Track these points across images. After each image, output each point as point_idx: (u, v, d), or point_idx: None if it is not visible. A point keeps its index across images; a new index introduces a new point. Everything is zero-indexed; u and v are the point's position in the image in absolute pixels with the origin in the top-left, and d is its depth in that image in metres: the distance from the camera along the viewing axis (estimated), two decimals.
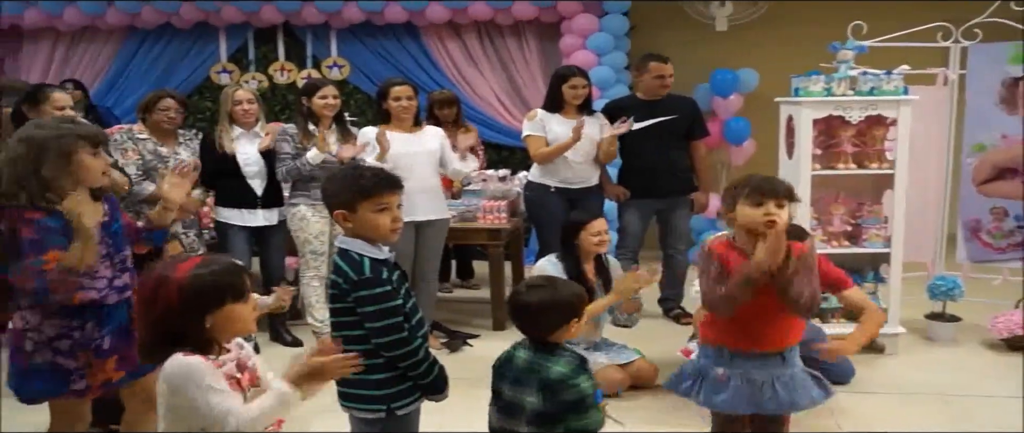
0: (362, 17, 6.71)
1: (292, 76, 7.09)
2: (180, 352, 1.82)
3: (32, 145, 2.44)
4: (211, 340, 1.87)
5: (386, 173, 2.37)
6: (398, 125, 4.38)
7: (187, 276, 1.82)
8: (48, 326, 2.50)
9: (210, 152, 4.41)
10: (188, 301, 1.81)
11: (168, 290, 1.81)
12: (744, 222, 2.47)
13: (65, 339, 2.51)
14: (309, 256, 4.45)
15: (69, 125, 2.54)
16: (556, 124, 4.70)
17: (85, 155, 2.47)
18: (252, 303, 1.91)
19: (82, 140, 2.47)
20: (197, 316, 1.82)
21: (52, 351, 2.51)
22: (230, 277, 1.86)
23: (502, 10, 6.54)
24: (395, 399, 2.32)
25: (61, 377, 2.53)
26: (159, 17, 6.86)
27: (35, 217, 2.41)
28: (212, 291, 1.83)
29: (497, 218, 4.88)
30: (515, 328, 2.42)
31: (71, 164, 2.45)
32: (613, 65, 6.41)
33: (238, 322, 1.88)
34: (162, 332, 1.84)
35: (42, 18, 6.94)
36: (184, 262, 1.87)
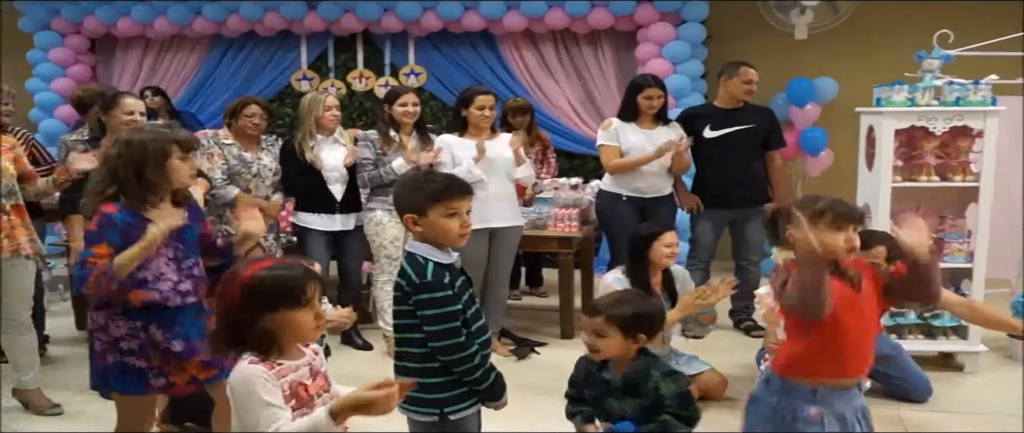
0: (440, 25, 6.81)
1: (370, 83, 7.23)
2: (248, 356, 1.85)
3: (132, 149, 2.55)
4: (271, 343, 1.87)
5: (456, 178, 2.40)
6: (476, 133, 4.44)
7: (251, 276, 1.86)
8: (113, 327, 2.60)
9: (292, 157, 4.53)
10: (247, 300, 1.84)
11: (234, 286, 1.86)
12: (828, 247, 2.26)
13: (133, 339, 2.59)
14: (384, 261, 4.54)
15: (165, 130, 2.66)
16: (631, 133, 4.70)
17: (176, 159, 2.58)
18: (314, 312, 1.89)
19: (175, 144, 2.58)
20: (254, 316, 1.85)
21: (119, 351, 2.60)
22: (291, 283, 1.86)
23: (578, 18, 6.55)
24: (449, 403, 2.33)
25: (136, 376, 2.61)
26: (244, 25, 7.08)
27: (107, 210, 2.52)
28: (269, 294, 1.84)
29: (568, 226, 4.90)
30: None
31: (165, 167, 2.56)
32: (689, 74, 6.36)
33: (296, 328, 1.88)
34: (226, 327, 1.88)
35: (134, 27, 7.23)
36: (257, 262, 1.92)
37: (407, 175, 4.35)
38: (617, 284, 3.83)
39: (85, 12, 7.23)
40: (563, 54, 6.90)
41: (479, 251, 4.44)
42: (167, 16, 7.08)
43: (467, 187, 2.36)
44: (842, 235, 2.29)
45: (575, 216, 4.92)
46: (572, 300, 4.99)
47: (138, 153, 2.54)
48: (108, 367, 2.62)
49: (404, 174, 4.32)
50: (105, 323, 2.60)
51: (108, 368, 2.62)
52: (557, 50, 6.90)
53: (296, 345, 1.94)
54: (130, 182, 2.54)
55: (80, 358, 4.30)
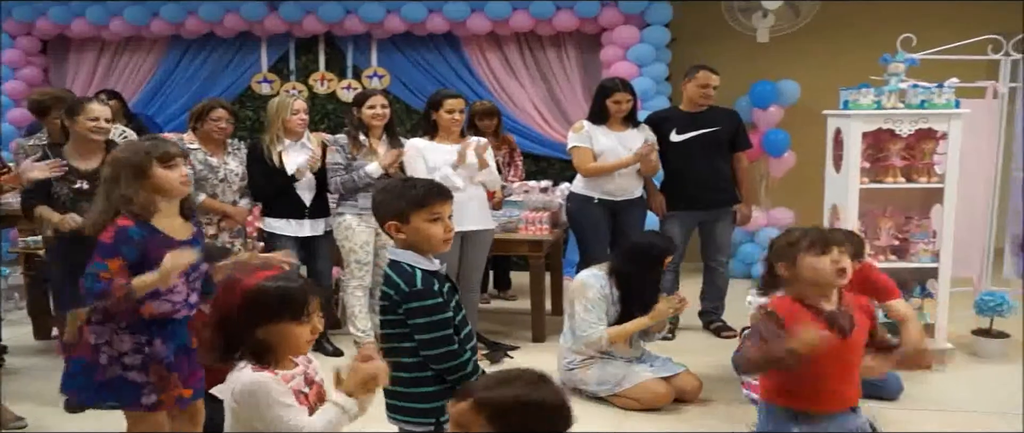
0: (403, 28, 6.76)
1: (332, 86, 7.15)
2: (246, 364, 1.84)
3: (115, 167, 2.56)
4: (267, 352, 1.87)
5: (437, 183, 2.38)
6: (445, 136, 4.41)
7: (255, 285, 1.86)
8: (118, 341, 2.57)
9: (259, 162, 4.45)
10: (247, 308, 1.84)
11: (234, 293, 1.86)
12: (812, 275, 2.30)
13: (136, 354, 2.58)
14: (354, 266, 4.48)
15: (146, 144, 2.61)
16: (602, 136, 4.70)
17: (158, 169, 2.53)
18: (310, 326, 1.91)
19: (151, 158, 2.53)
20: (252, 325, 1.85)
21: (122, 366, 2.58)
22: (293, 295, 1.87)
23: (543, 21, 6.55)
24: (444, 412, 2.30)
25: (131, 391, 2.59)
26: (203, 27, 6.95)
27: (124, 224, 2.49)
28: (272, 305, 1.85)
29: (539, 229, 4.89)
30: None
31: (148, 179, 2.52)
32: (654, 76, 6.40)
33: (291, 341, 1.89)
34: (222, 333, 1.87)
35: (88, 28, 7.05)
36: (262, 271, 1.92)
37: (387, 181, 4.31)
38: (595, 281, 3.89)
39: (37, 13, 7.04)
40: (528, 57, 6.90)
41: (451, 255, 4.41)
42: (123, 17, 6.93)
43: (448, 191, 2.35)
44: (827, 257, 2.28)
45: (545, 219, 4.91)
46: (543, 303, 4.98)
47: (118, 171, 2.53)
48: (108, 381, 2.58)
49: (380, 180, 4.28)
50: (110, 338, 2.57)
51: (109, 382, 2.58)
52: (522, 53, 6.89)
53: (288, 356, 1.92)
54: (122, 199, 2.51)
55: (41, 369, 4.22)
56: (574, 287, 3.99)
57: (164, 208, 2.58)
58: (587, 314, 3.87)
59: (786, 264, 2.35)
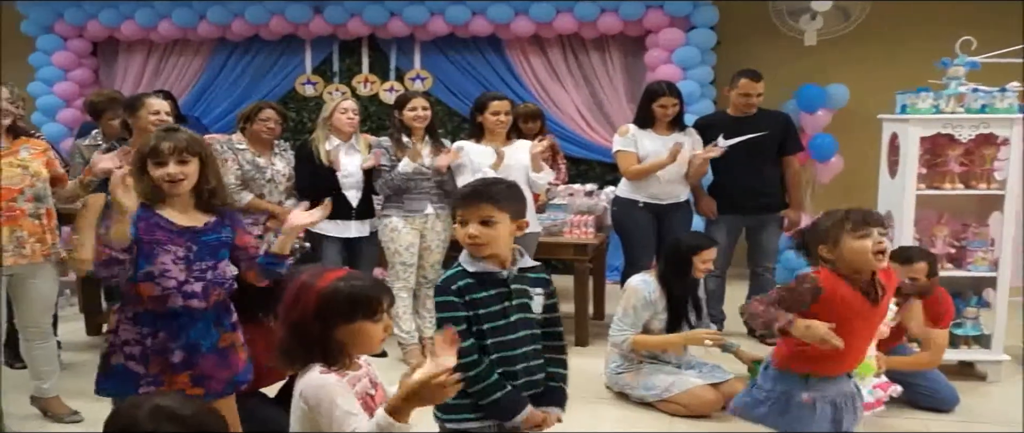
0: (447, 30, 6.76)
1: (374, 88, 7.17)
2: (319, 366, 1.85)
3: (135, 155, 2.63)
4: (341, 353, 1.88)
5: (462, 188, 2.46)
6: (491, 139, 4.40)
7: (327, 286, 1.86)
8: (122, 330, 2.59)
9: (307, 162, 4.47)
10: (322, 310, 1.85)
11: (307, 297, 1.86)
12: (853, 257, 2.45)
13: (137, 345, 2.57)
14: (398, 267, 4.48)
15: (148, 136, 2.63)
16: (647, 140, 4.67)
17: (151, 164, 2.54)
18: (384, 324, 1.92)
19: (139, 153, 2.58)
20: (329, 326, 1.85)
21: (123, 354, 2.58)
22: (367, 294, 1.89)
23: (587, 23, 6.52)
24: (447, 411, 2.35)
25: (129, 380, 2.57)
26: (248, 29, 7.01)
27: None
28: (346, 304, 1.86)
29: (584, 233, 4.86)
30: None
31: (144, 173, 2.55)
32: (699, 79, 6.33)
33: (367, 339, 1.90)
34: (297, 337, 1.88)
35: (138, 30, 7.15)
36: (330, 272, 1.92)
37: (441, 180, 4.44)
38: (644, 287, 3.86)
39: (88, 15, 7.15)
40: (571, 59, 6.87)
41: None
42: (171, 19, 7.01)
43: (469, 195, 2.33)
44: (869, 241, 2.42)
45: (590, 222, 4.88)
46: (586, 307, 4.94)
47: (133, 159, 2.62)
48: (112, 369, 2.60)
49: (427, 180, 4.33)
50: (117, 326, 2.61)
51: (112, 370, 2.59)
52: (565, 55, 6.86)
53: (357, 357, 1.94)
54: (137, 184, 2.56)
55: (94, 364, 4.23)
56: (625, 291, 3.99)
57: (175, 200, 2.58)
58: (622, 319, 3.89)
59: (828, 246, 2.50)
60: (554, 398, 2.45)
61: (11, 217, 3.36)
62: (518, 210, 2.33)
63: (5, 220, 3.34)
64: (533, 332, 2.40)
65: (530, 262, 2.42)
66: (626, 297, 3.92)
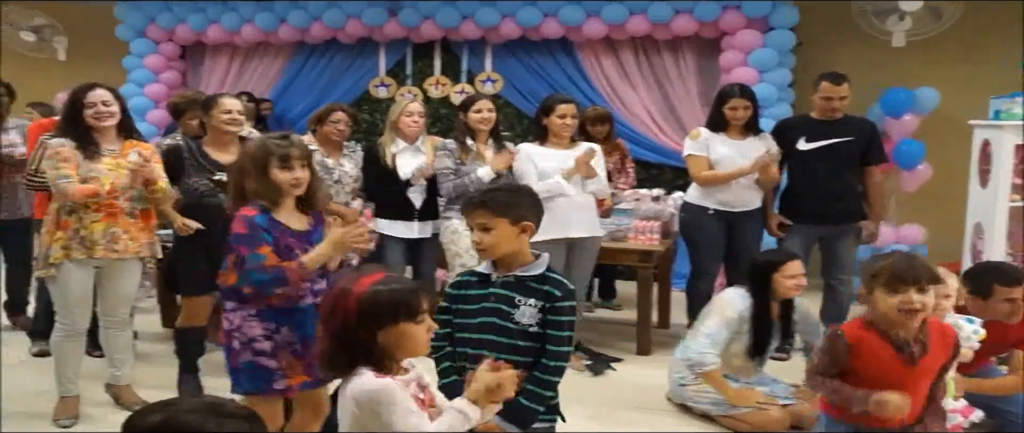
0: (518, 33, 6.75)
1: (446, 90, 7.22)
2: (370, 370, 1.84)
3: (242, 160, 2.73)
4: (386, 357, 1.88)
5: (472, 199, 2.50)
6: (556, 142, 4.35)
7: (366, 290, 1.86)
8: (247, 327, 2.67)
9: (373, 164, 4.52)
10: (363, 315, 1.85)
11: (347, 302, 1.86)
12: (881, 312, 2.36)
13: (267, 340, 2.68)
14: (459, 269, 4.47)
15: (271, 142, 2.69)
16: (719, 144, 4.53)
17: (275, 169, 2.63)
18: (427, 325, 1.91)
19: (273, 156, 2.64)
20: (371, 331, 1.85)
21: (252, 351, 2.67)
22: (406, 296, 1.88)
23: (660, 25, 6.40)
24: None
25: (264, 376, 2.69)
26: (326, 33, 7.15)
27: (247, 213, 2.61)
28: (387, 307, 1.85)
29: (649, 239, 4.75)
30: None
31: (267, 177, 2.63)
32: (776, 82, 6.14)
33: (411, 341, 1.89)
34: (340, 344, 1.88)
35: (223, 34, 7.39)
36: (366, 276, 1.91)
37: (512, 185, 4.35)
38: (739, 301, 3.66)
39: (178, 20, 7.43)
40: (643, 62, 6.76)
41: (556, 261, 4.33)
42: (254, 23, 7.21)
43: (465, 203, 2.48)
44: (896, 297, 2.30)
45: (656, 229, 4.77)
46: (650, 315, 4.84)
47: (244, 162, 2.70)
48: (243, 367, 2.69)
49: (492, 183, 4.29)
50: (240, 324, 2.68)
51: (243, 368, 2.69)
52: (637, 58, 6.76)
53: (403, 360, 1.94)
54: (242, 189, 2.67)
55: (167, 355, 4.41)
56: (717, 301, 3.79)
57: (283, 203, 2.69)
58: (712, 335, 3.64)
59: (864, 291, 2.42)
60: (512, 414, 2.32)
61: (110, 213, 3.52)
62: (520, 214, 2.36)
63: (105, 216, 3.51)
64: (509, 340, 2.36)
65: (537, 270, 2.39)
66: (719, 310, 3.71)
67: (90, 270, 3.60)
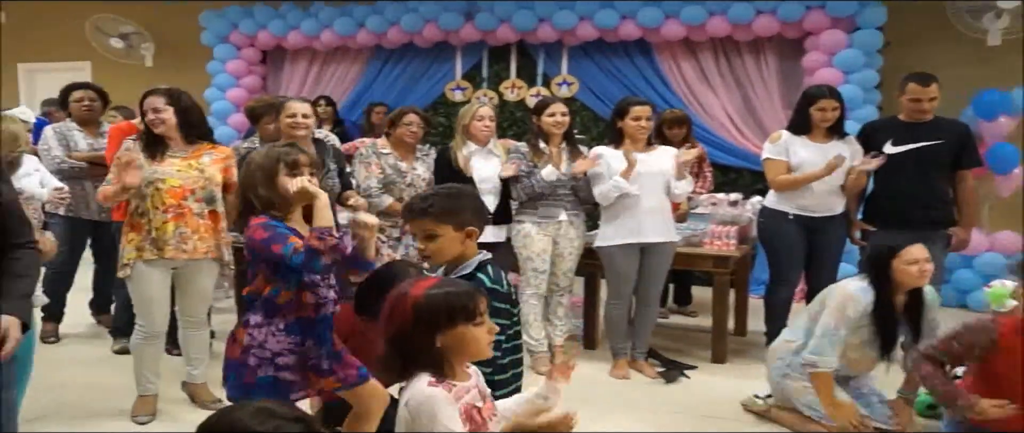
0: (595, 35, 6.69)
1: (521, 93, 7.21)
2: (426, 377, 1.82)
3: (248, 169, 2.69)
4: (444, 361, 1.86)
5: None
6: (631, 145, 4.29)
7: (422, 294, 1.84)
8: (273, 342, 2.64)
9: (445, 167, 4.52)
10: (420, 318, 1.82)
11: (404, 306, 1.84)
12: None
13: (290, 354, 2.65)
14: (530, 273, 4.44)
15: (279, 149, 2.70)
16: (801, 148, 4.38)
17: (283, 176, 2.62)
18: (487, 327, 1.89)
19: (281, 163, 2.63)
20: (428, 335, 1.83)
21: (274, 366, 2.64)
22: (464, 299, 1.85)
23: (741, 26, 6.27)
24: None
25: (284, 388, 2.65)
26: (403, 37, 7.23)
27: (259, 221, 2.60)
28: (444, 311, 1.83)
29: (725, 244, 4.64)
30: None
31: (274, 184, 2.62)
32: (862, 84, 5.94)
33: (471, 345, 1.87)
34: (398, 348, 1.87)
35: (302, 39, 7.53)
36: (424, 280, 1.90)
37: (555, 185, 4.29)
38: (862, 296, 3.39)
39: (259, 26, 7.61)
40: (723, 63, 6.63)
41: (629, 266, 4.30)
42: (333, 28, 7.33)
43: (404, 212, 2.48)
44: None
45: (733, 234, 4.65)
46: (726, 322, 4.71)
47: (251, 170, 2.67)
48: (257, 381, 2.64)
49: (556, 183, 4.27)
50: (264, 339, 2.64)
51: (257, 382, 2.64)
52: (716, 59, 6.63)
53: (464, 365, 1.91)
54: (260, 198, 2.64)
55: None
56: (840, 294, 3.48)
57: (293, 213, 2.68)
58: (831, 332, 3.40)
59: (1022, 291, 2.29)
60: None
61: (179, 214, 3.59)
62: (463, 219, 2.34)
63: (173, 216, 3.58)
64: None
65: (467, 270, 2.35)
66: (840, 305, 3.43)
67: (164, 271, 3.67)
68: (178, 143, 3.67)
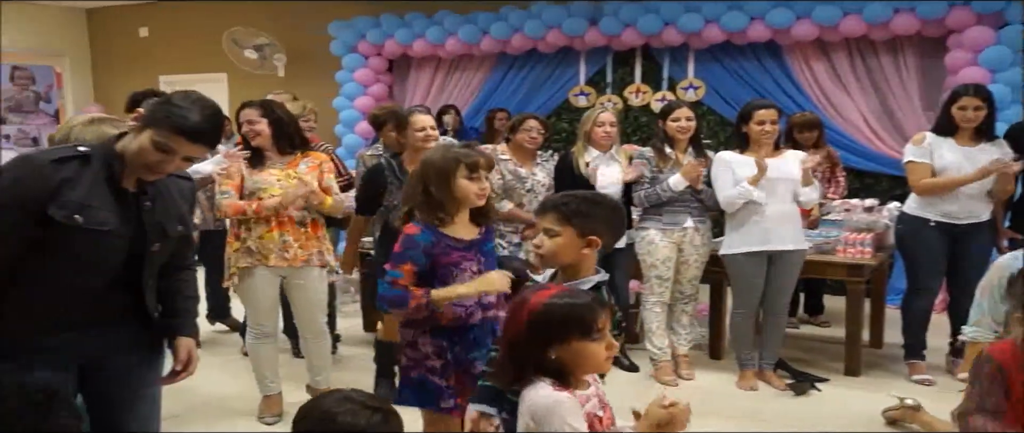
0: (722, 37, 6.53)
1: (646, 98, 7.11)
2: (547, 383, 1.80)
3: (423, 167, 2.65)
4: (558, 373, 1.82)
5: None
6: (756, 150, 4.16)
7: (539, 304, 1.81)
8: (421, 344, 2.66)
9: (567, 173, 4.51)
10: (534, 328, 1.79)
11: (521, 314, 1.82)
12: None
13: (438, 358, 2.65)
14: (654, 281, 4.37)
15: (459, 150, 2.68)
16: (946, 150, 4.15)
17: (461, 178, 2.59)
18: (605, 342, 1.82)
19: (461, 164, 2.59)
20: (541, 345, 1.80)
21: (425, 368, 2.66)
22: (581, 312, 1.79)
23: (878, 25, 5.98)
24: None
25: (432, 393, 2.66)
26: (527, 43, 7.25)
27: (410, 232, 2.59)
28: (558, 323, 1.78)
29: (860, 252, 4.42)
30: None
31: (450, 186, 2.59)
32: (1011, 83, 5.56)
33: (587, 359, 1.81)
34: (512, 355, 1.85)
35: (428, 47, 7.68)
36: (546, 289, 1.87)
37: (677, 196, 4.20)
38: (1017, 263, 3.10)
39: (386, 35, 7.80)
40: (858, 64, 6.35)
41: (756, 274, 4.17)
42: (458, 36, 7.44)
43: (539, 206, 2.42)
44: None
45: (868, 241, 4.44)
46: (860, 333, 4.50)
47: (426, 171, 2.63)
48: (412, 381, 2.69)
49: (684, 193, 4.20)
50: (414, 340, 2.68)
51: (412, 382, 2.69)
52: (851, 60, 6.35)
53: (584, 376, 1.87)
54: (420, 199, 2.62)
55: (367, 358, 4.59)
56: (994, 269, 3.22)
57: (459, 215, 2.64)
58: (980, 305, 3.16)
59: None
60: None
61: (280, 223, 3.70)
62: (589, 226, 2.21)
63: (275, 225, 3.69)
64: None
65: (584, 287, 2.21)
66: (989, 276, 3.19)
67: (271, 278, 3.77)
68: (274, 154, 3.76)
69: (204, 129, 2.04)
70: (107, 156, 2.08)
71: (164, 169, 2.10)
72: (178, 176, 2.26)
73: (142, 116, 2.11)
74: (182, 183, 2.32)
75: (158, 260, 2.23)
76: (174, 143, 2.02)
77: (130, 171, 2.09)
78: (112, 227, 2.07)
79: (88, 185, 2.03)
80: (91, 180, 2.04)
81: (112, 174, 2.07)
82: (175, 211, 2.25)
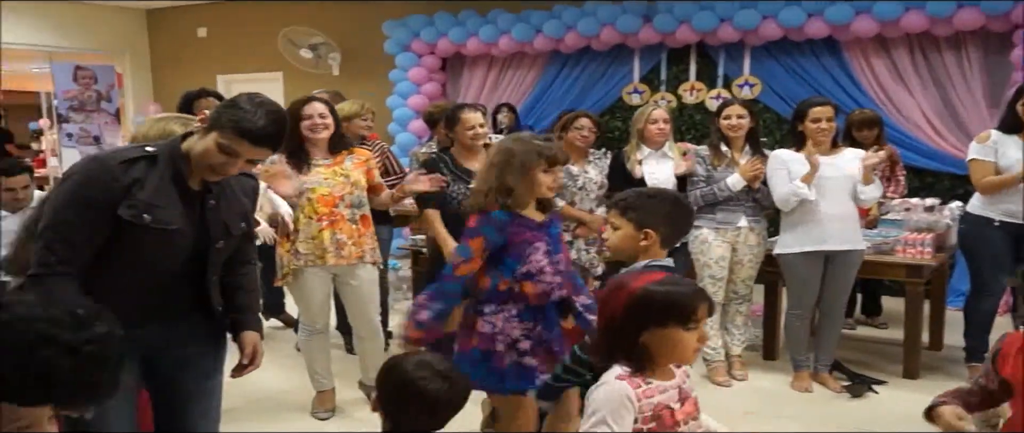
0: (779, 34, 6.43)
1: (700, 96, 7.05)
2: (620, 369, 1.82)
3: (503, 155, 2.73)
4: (646, 358, 1.83)
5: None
6: (813, 148, 4.10)
7: (639, 288, 1.82)
8: (510, 328, 2.71)
9: (619, 171, 4.49)
10: (630, 312, 1.81)
11: (619, 296, 1.84)
12: None
13: (527, 339, 2.72)
14: (707, 280, 4.34)
15: (538, 142, 2.74)
16: (1012, 148, 4.05)
17: (539, 171, 2.68)
18: (698, 333, 1.82)
19: (541, 157, 2.69)
20: (634, 329, 1.81)
21: (517, 352, 2.72)
22: (682, 300, 1.80)
23: (941, 20, 5.83)
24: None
25: (529, 374, 2.73)
26: (580, 41, 7.23)
27: (490, 209, 2.68)
28: (656, 309, 1.79)
29: (920, 252, 4.33)
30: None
31: (528, 177, 2.68)
32: None
33: (677, 348, 1.82)
34: (606, 337, 1.87)
35: (481, 46, 7.71)
36: (648, 274, 1.89)
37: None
38: None
39: (439, 34, 7.86)
40: (919, 60, 6.20)
41: (812, 274, 4.11)
42: (511, 35, 7.46)
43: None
44: None
45: (929, 241, 4.34)
46: (919, 336, 4.41)
47: (506, 160, 2.70)
48: (507, 368, 2.73)
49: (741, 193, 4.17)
50: (503, 326, 2.72)
51: (507, 369, 2.73)
52: (912, 56, 6.21)
53: (669, 365, 1.88)
54: (496, 186, 2.69)
55: None
56: None
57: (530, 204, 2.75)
58: None
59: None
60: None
61: (332, 221, 3.73)
62: (645, 221, 2.37)
63: (327, 224, 3.73)
64: None
65: None
66: None
67: (324, 276, 3.81)
68: (322, 152, 3.78)
69: (269, 133, 2.09)
70: (173, 156, 2.14)
71: (228, 171, 2.15)
72: (242, 174, 2.31)
73: (208, 118, 2.16)
74: (246, 181, 2.37)
75: (222, 257, 2.30)
76: (238, 146, 2.07)
77: (195, 171, 2.15)
78: (178, 226, 2.13)
79: (155, 185, 2.10)
80: (158, 180, 2.10)
81: (178, 174, 2.14)
82: (239, 209, 2.31)
